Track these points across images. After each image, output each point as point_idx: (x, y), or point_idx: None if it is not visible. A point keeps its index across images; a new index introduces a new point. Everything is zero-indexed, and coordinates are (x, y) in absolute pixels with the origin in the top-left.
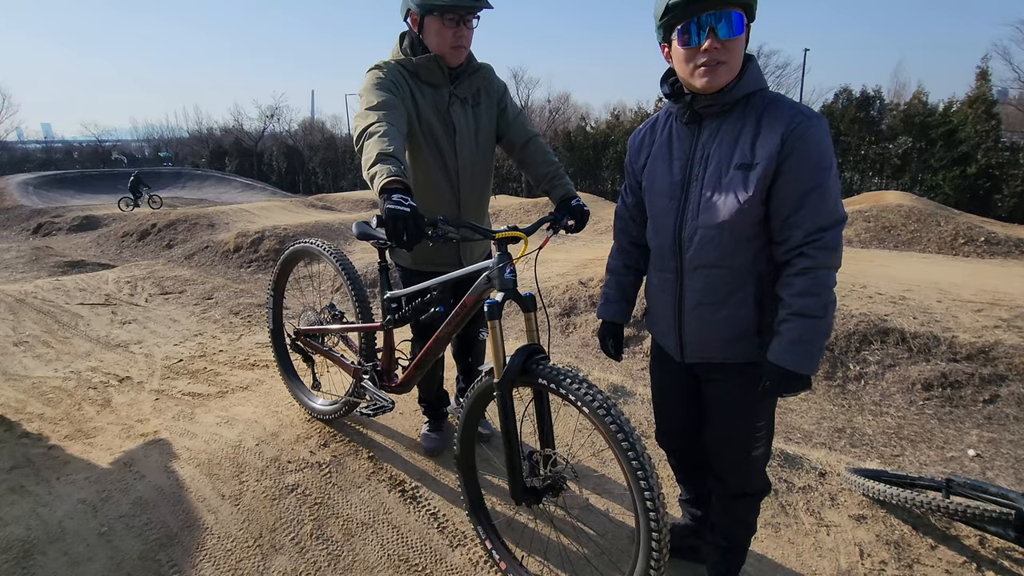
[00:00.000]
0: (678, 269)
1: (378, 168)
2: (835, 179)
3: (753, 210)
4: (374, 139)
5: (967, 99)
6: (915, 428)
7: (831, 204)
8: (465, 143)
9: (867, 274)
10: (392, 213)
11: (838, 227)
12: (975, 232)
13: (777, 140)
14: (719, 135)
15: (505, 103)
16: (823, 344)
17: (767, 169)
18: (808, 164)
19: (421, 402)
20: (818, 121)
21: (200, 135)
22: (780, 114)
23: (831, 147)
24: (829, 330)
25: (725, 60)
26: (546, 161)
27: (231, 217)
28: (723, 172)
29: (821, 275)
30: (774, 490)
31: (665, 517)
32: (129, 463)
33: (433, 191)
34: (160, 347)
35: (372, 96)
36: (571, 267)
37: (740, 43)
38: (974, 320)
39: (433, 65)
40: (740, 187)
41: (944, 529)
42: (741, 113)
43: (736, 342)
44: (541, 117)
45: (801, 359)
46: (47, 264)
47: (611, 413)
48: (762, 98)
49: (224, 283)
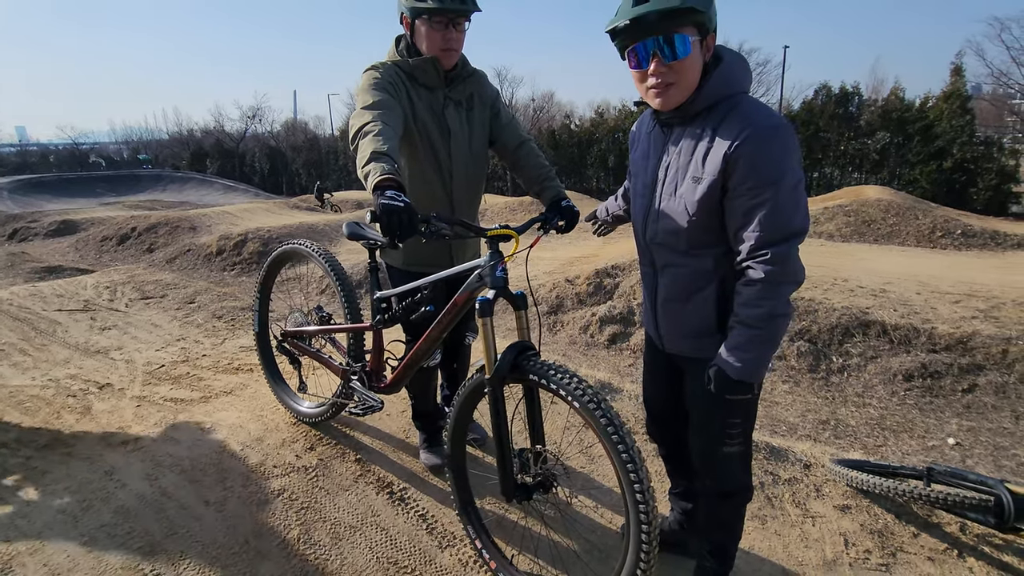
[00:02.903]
0: (652, 263)
1: (372, 166)
2: (789, 191)
3: (703, 221)
4: (368, 138)
5: (942, 95)
6: (897, 418)
7: (781, 219)
8: (459, 146)
9: (848, 268)
10: (386, 208)
11: (789, 242)
12: (952, 225)
13: (720, 157)
14: (681, 143)
15: (498, 108)
16: (766, 354)
17: (712, 184)
18: (752, 180)
19: (416, 419)
20: (771, 133)
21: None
22: (730, 129)
23: (788, 159)
24: (772, 341)
25: (674, 81)
26: (538, 164)
27: (213, 220)
28: (679, 182)
29: (767, 288)
30: (760, 483)
31: (655, 511)
32: (110, 471)
33: (427, 192)
34: (141, 353)
35: (368, 96)
36: (557, 265)
37: (689, 63)
38: (952, 311)
39: (429, 67)
40: (691, 198)
41: (926, 517)
42: (703, 122)
43: (701, 338)
44: (525, 116)
45: (739, 366)
46: (23, 270)
47: (601, 407)
48: (728, 106)
49: (207, 287)
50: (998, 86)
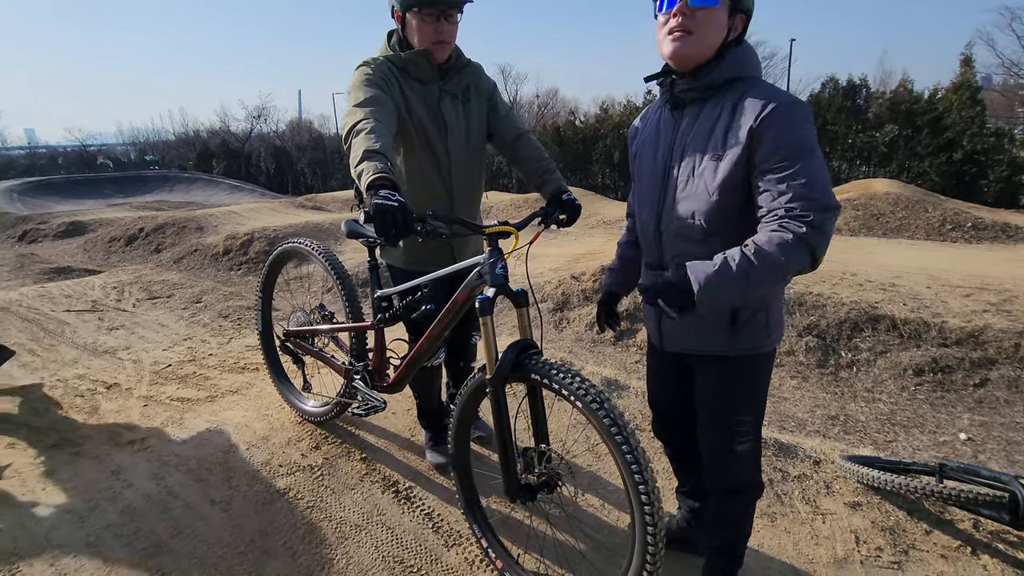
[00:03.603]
0: (660, 260)
1: (365, 165)
2: (820, 165)
3: (723, 202)
4: (361, 136)
5: (952, 86)
6: (908, 414)
7: (818, 189)
8: (456, 139)
9: (857, 262)
10: (380, 207)
11: (826, 214)
12: (962, 218)
13: (744, 131)
14: (697, 123)
15: (495, 100)
16: (735, 291)
17: (737, 161)
18: (784, 151)
19: (421, 417)
20: (795, 108)
21: (187, 137)
22: (754, 103)
23: (812, 134)
24: (750, 289)
25: (692, 30)
26: (537, 157)
27: (220, 220)
28: (697, 162)
29: (796, 243)
30: (769, 480)
31: (660, 511)
32: (117, 471)
33: (426, 187)
34: (148, 352)
35: (360, 93)
36: (564, 262)
37: (712, 16)
38: (963, 305)
39: (422, 60)
40: (711, 178)
41: (939, 514)
42: (720, 100)
43: (710, 335)
44: (530, 112)
45: (707, 286)
46: (32, 271)
47: (604, 407)
48: (745, 85)
49: (213, 286)
50: (1009, 76)
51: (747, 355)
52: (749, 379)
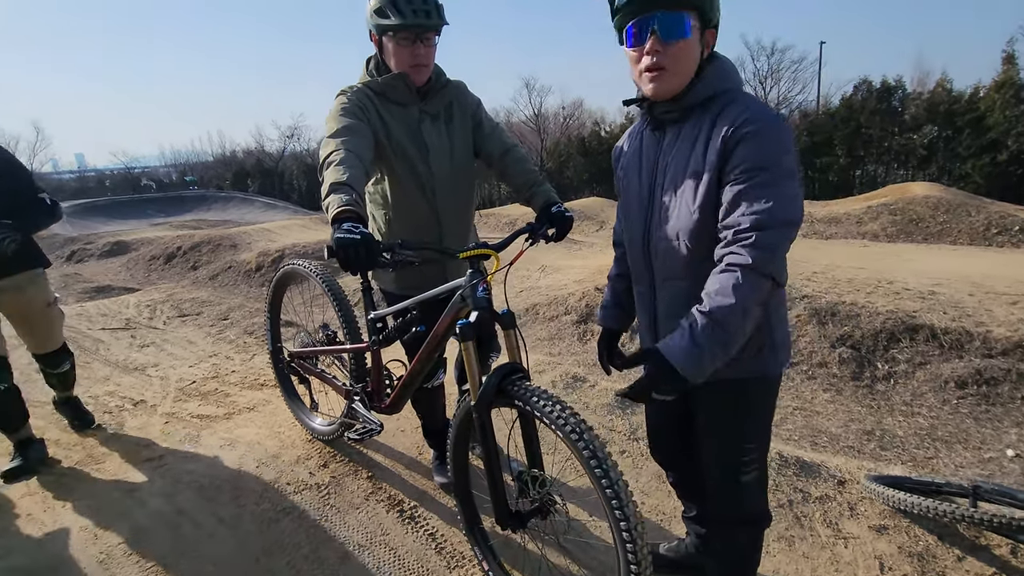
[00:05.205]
0: (651, 283)
1: (331, 199)
2: (786, 177)
3: (705, 220)
4: (331, 168)
5: (994, 84)
6: (949, 428)
7: (776, 203)
8: (439, 160)
9: (894, 269)
10: (341, 242)
11: (781, 230)
12: (1009, 221)
13: (719, 144)
14: (678, 142)
15: (480, 117)
16: (718, 356)
17: (712, 176)
18: (749, 162)
19: (427, 436)
20: (770, 120)
21: (224, 158)
22: (729, 117)
23: (786, 150)
24: (728, 342)
25: (667, 66)
26: (525, 170)
27: (253, 237)
28: (679, 181)
29: (746, 277)
30: (788, 501)
31: (644, 548)
32: (132, 489)
33: (411, 209)
34: (175, 369)
35: (334, 123)
36: (588, 273)
37: (686, 48)
38: (1009, 313)
39: (399, 83)
40: (691, 197)
41: (973, 539)
42: (699, 118)
43: None
44: (555, 124)
45: (686, 359)
46: (75, 291)
47: (583, 437)
48: (724, 100)
49: (241, 303)
50: None
51: (750, 379)
52: (753, 406)
